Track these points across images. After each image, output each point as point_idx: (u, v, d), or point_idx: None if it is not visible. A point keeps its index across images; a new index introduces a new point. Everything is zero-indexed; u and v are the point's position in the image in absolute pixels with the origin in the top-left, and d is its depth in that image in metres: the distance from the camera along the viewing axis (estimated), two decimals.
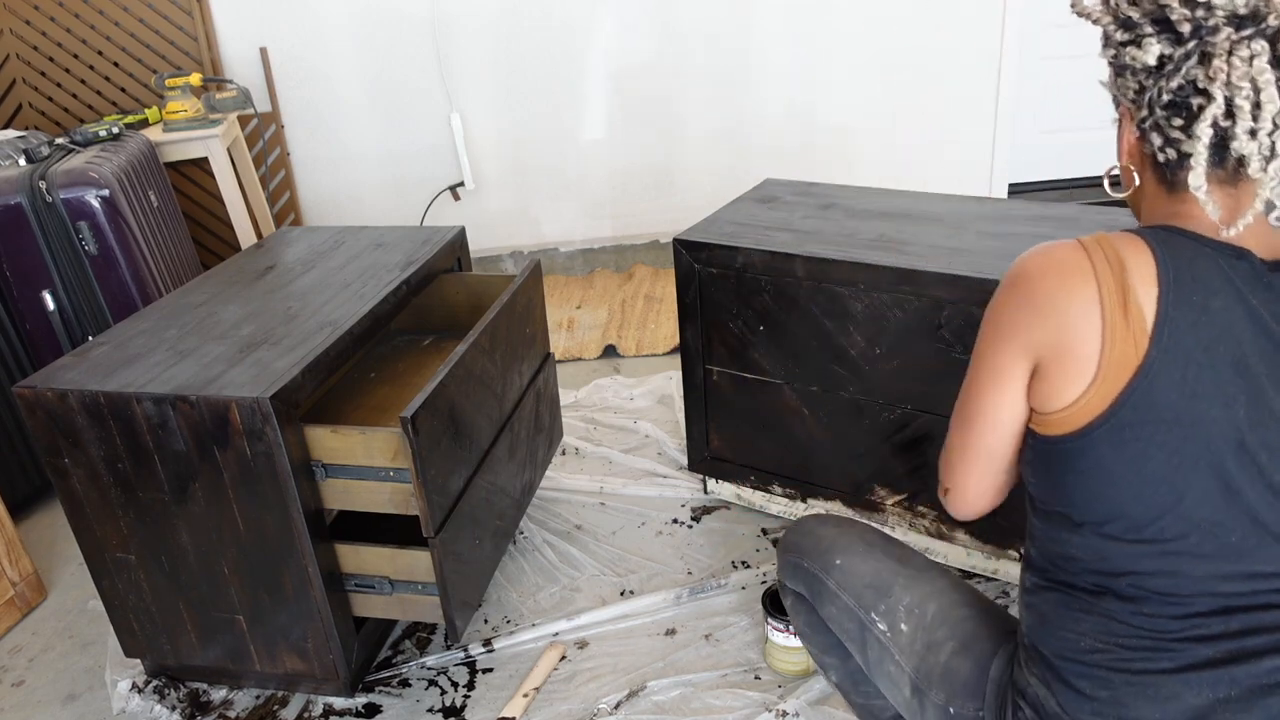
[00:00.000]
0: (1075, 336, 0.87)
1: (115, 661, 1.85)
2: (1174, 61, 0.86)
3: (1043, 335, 0.90)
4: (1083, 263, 0.88)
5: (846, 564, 1.27)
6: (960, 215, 1.93)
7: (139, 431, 1.49)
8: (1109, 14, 0.93)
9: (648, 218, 3.70)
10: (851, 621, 1.25)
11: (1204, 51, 0.84)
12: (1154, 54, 0.87)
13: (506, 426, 1.87)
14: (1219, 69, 0.83)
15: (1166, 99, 0.87)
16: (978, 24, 3.40)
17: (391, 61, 3.40)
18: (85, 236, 2.21)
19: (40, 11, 3.11)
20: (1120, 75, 0.93)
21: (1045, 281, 0.89)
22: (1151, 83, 0.88)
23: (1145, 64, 0.88)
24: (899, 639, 1.19)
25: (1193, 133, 0.86)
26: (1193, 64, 0.85)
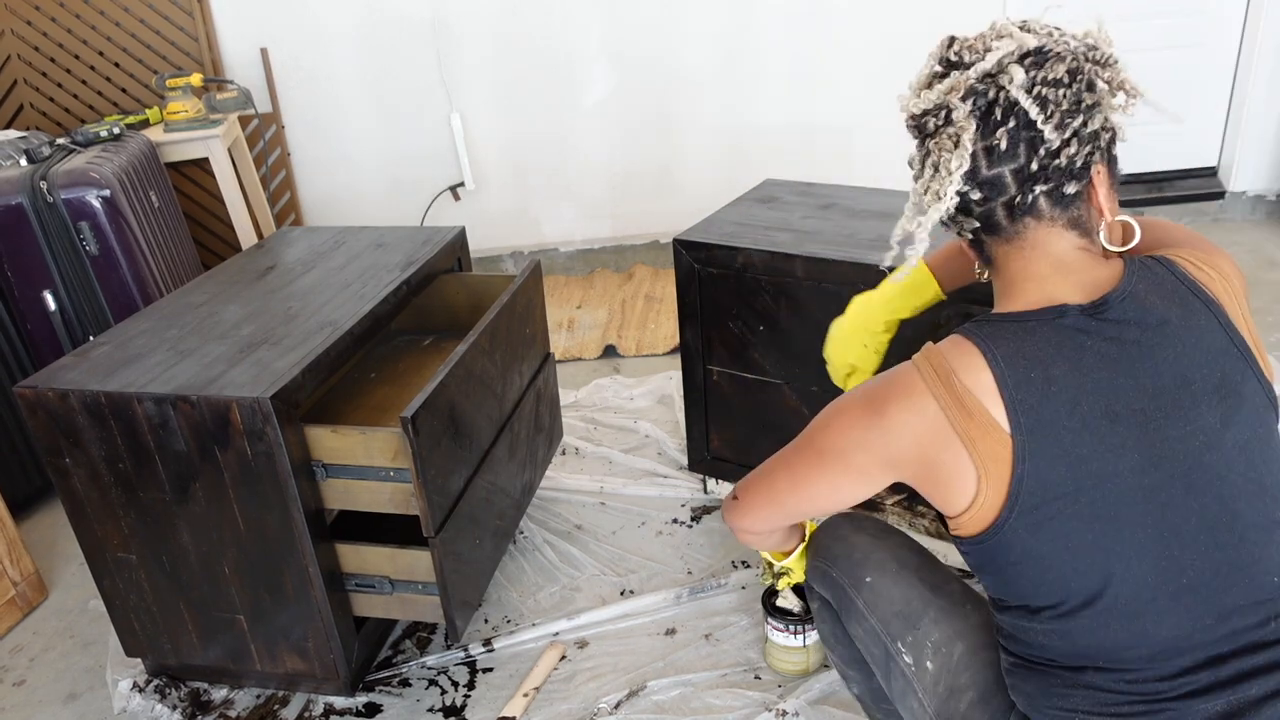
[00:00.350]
0: (933, 447, 0.92)
1: (116, 661, 1.85)
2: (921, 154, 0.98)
3: (898, 452, 0.95)
4: (917, 382, 0.93)
5: (877, 584, 1.21)
6: None
7: (140, 431, 1.50)
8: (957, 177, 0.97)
9: (648, 218, 3.70)
10: (877, 647, 1.21)
11: (933, 136, 0.96)
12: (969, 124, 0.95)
13: (506, 426, 1.87)
14: (939, 143, 0.95)
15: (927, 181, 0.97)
16: (978, 24, 3.40)
17: (392, 62, 3.41)
18: (86, 237, 2.22)
19: (41, 12, 3.11)
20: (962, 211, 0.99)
21: (890, 405, 0.95)
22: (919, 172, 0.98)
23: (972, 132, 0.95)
24: (923, 677, 1.14)
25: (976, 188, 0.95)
26: (927, 151, 0.97)
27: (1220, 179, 3.72)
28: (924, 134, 0.97)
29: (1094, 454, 0.89)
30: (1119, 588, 0.90)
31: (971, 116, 0.93)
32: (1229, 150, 3.66)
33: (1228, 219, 3.72)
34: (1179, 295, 0.94)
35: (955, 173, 0.92)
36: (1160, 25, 3.48)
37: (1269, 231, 3.58)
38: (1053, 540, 0.90)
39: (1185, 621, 0.91)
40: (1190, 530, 0.90)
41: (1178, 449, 0.90)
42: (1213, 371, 0.91)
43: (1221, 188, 3.69)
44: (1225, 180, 3.69)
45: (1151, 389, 0.90)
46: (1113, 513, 0.89)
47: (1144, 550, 0.90)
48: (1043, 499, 0.89)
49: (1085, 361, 0.90)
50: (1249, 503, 0.92)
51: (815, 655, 1.66)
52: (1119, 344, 0.91)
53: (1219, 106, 3.63)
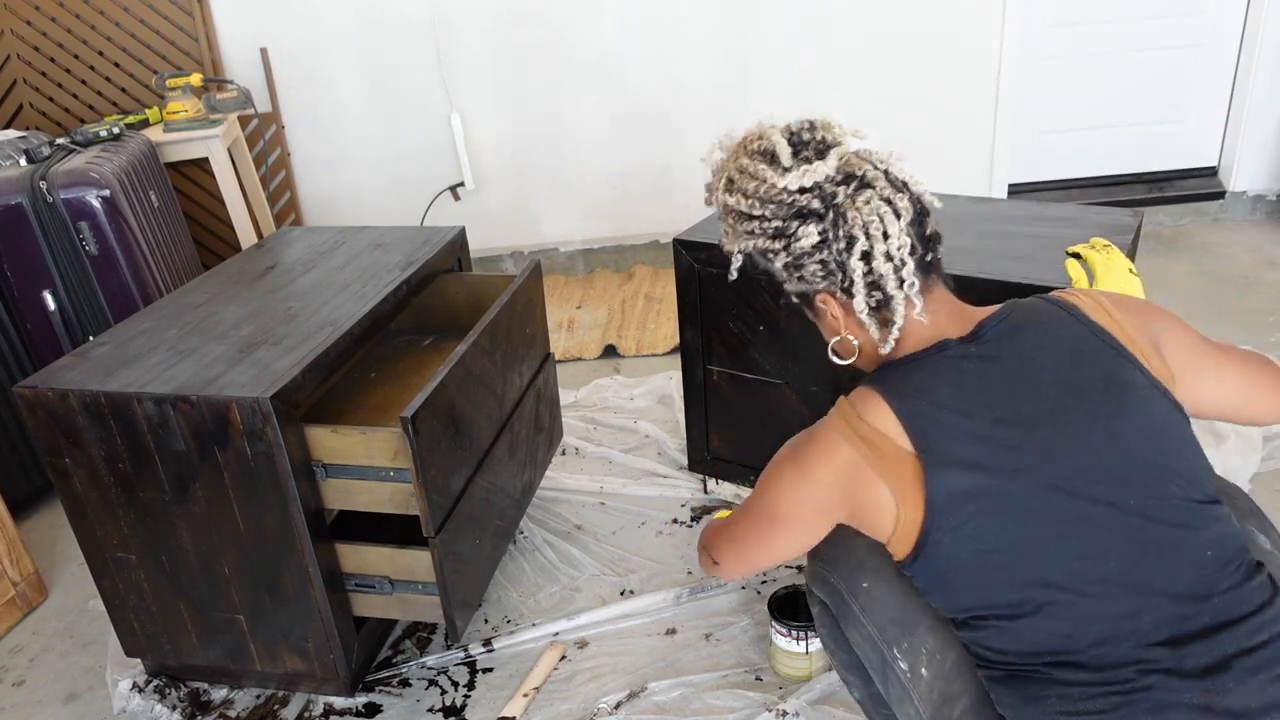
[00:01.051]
0: (854, 486, 1.03)
1: (116, 661, 1.85)
2: (828, 232, 1.05)
3: (827, 499, 1.06)
4: (832, 434, 1.05)
5: (874, 590, 1.21)
6: (960, 215, 1.93)
7: (139, 431, 1.50)
8: (760, 237, 1.10)
9: (648, 218, 3.70)
10: (874, 652, 1.21)
11: (839, 213, 1.04)
12: (813, 236, 1.05)
13: (506, 426, 1.87)
14: (855, 218, 1.03)
15: (843, 259, 1.05)
16: (978, 24, 3.40)
17: (392, 62, 3.41)
18: (86, 236, 2.22)
19: (41, 12, 3.11)
20: (800, 271, 1.09)
21: (811, 460, 1.07)
22: (825, 255, 1.06)
23: (811, 244, 1.05)
24: (919, 684, 1.15)
25: (874, 270, 1.04)
26: (840, 226, 1.05)
27: (1220, 179, 3.72)
28: (829, 203, 1.06)
29: (990, 459, 0.97)
30: (1044, 578, 0.96)
31: (890, 188, 1.06)
32: (1229, 150, 3.66)
33: (1228, 219, 3.72)
34: (1050, 314, 1.06)
35: (900, 233, 1.04)
36: (1160, 25, 3.48)
37: (1269, 231, 3.58)
38: (971, 544, 0.98)
39: (1123, 605, 0.95)
40: (1100, 517, 0.96)
41: (1069, 443, 0.97)
42: (1094, 370, 1.01)
43: (1222, 187, 3.69)
44: (1225, 180, 3.69)
45: (1035, 394, 1.00)
46: (1019, 508, 0.97)
47: (1059, 542, 0.96)
48: (953, 508, 0.98)
49: (967, 382, 1.01)
50: (1156, 485, 0.98)
51: (819, 661, 1.66)
52: (996, 361, 1.02)
53: (1219, 106, 3.63)
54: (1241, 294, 3.07)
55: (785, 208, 1.07)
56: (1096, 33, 3.50)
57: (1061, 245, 1.71)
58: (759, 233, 1.10)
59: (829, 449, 1.05)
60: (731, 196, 1.12)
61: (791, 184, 1.05)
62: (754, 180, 1.08)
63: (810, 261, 1.08)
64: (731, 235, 1.15)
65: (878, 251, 1.04)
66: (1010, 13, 3.37)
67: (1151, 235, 3.63)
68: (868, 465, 1.01)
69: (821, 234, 1.05)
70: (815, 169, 1.04)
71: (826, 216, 1.05)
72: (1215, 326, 2.83)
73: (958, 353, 1.04)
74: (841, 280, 1.07)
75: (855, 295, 1.07)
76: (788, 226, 1.07)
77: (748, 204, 1.09)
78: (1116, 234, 1.75)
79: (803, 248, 1.07)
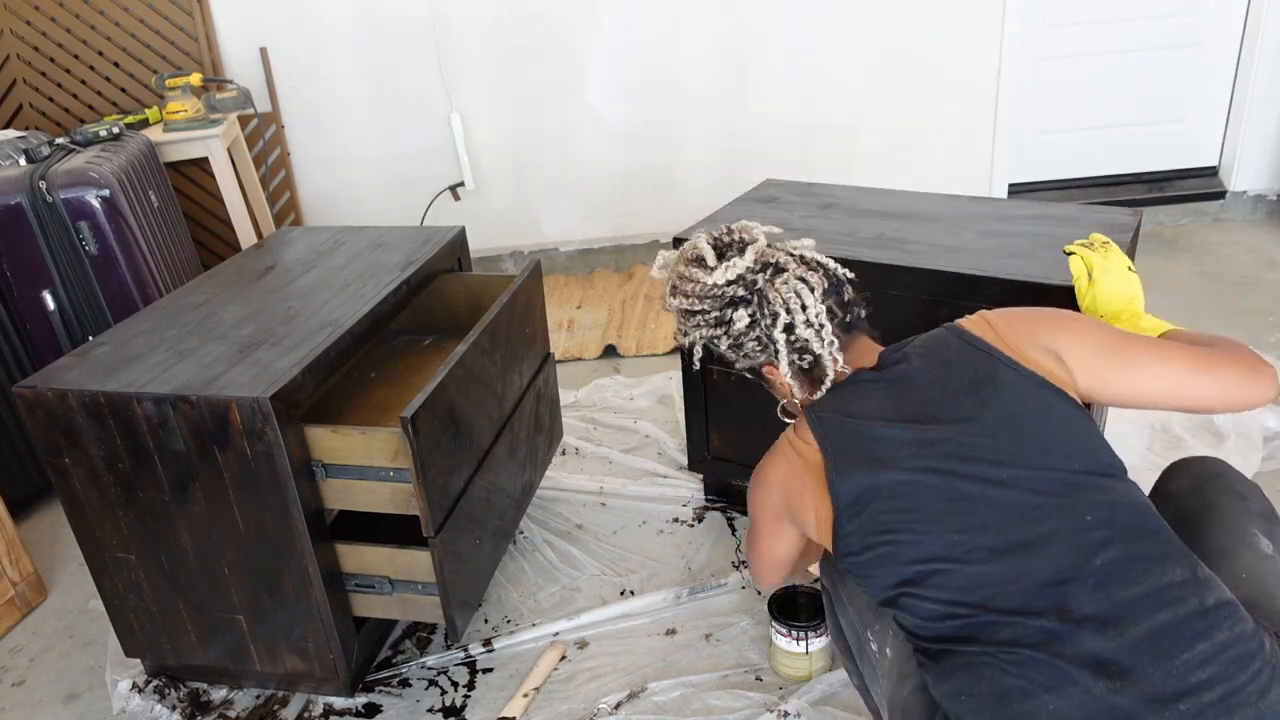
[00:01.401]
0: (791, 487, 1.23)
1: (115, 661, 1.85)
2: (755, 313, 1.24)
3: (780, 500, 1.26)
4: (782, 446, 1.27)
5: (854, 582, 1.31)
6: (960, 215, 1.93)
7: (139, 431, 1.49)
8: (704, 327, 1.28)
9: (648, 218, 3.70)
10: (854, 636, 1.32)
11: (762, 295, 1.24)
12: (744, 319, 1.24)
13: (506, 426, 1.87)
14: (775, 298, 1.23)
15: (773, 334, 1.23)
16: (978, 24, 3.40)
17: (392, 62, 3.40)
18: (85, 236, 2.22)
19: (41, 12, 3.11)
20: (743, 350, 1.28)
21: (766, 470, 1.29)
22: (758, 333, 1.25)
23: (744, 325, 1.25)
24: (884, 663, 1.25)
25: (798, 336, 1.23)
26: (764, 306, 1.24)
27: (1221, 179, 3.72)
28: (752, 289, 1.25)
29: (883, 453, 1.14)
30: (931, 553, 1.09)
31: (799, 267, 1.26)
32: (1229, 150, 3.66)
33: (1228, 219, 3.72)
34: (938, 337, 1.24)
35: (816, 302, 1.23)
36: (1160, 25, 3.48)
37: (1269, 231, 3.58)
38: (873, 527, 1.12)
39: (1004, 570, 1.05)
40: (975, 492, 1.09)
41: (944, 433, 1.13)
42: (964, 373, 1.16)
43: (1222, 187, 3.69)
44: (1226, 180, 3.69)
45: (919, 401, 1.17)
46: (907, 493, 1.11)
47: (941, 518, 1.09)
48: (854, 496, 1.13)
49: (870, 398, 1.20)
50: (1029, 463, 1.09)
51: (819, 661, 1.66)
52: (892, 382, 1.21)
53: (1219, 106, 3.63)
54: (1241, 294, 3.07)
55: (719, 300, 1.26)
56: (1096, 33, 3.50)
57: (1062, 244, 1.71)
58: (703, 324, 1.28)
59: (774, 460, 1.27)
60: (676, 299, 1.31)
61: (719, 279, 1.25)
62: (691, 282, 1.28)
63: (747, 340, 1.26)
64: (685, 330, 1.33)
65: (798, 321, 1.22)
66: (1010, 13, 3.37)
67: (1151, 235, 3.63)
68: (797, 473, 1.21)
69: (751, 315, 1.25)
70: (735, 264, 1.24)
71: (753, 301, 1.25)
72: (1215, 326, 2.83)
73: (866, 378, 1.23)
74: (775, 352, 1.25)
75: (780, 362, 1.25)
76: (724, 315, 1.26)
77: (689, 302, 1.28)
78: (1116, 234, 1.75)
79: (739, 329, 1.25)
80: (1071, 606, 1.02)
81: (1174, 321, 1.35)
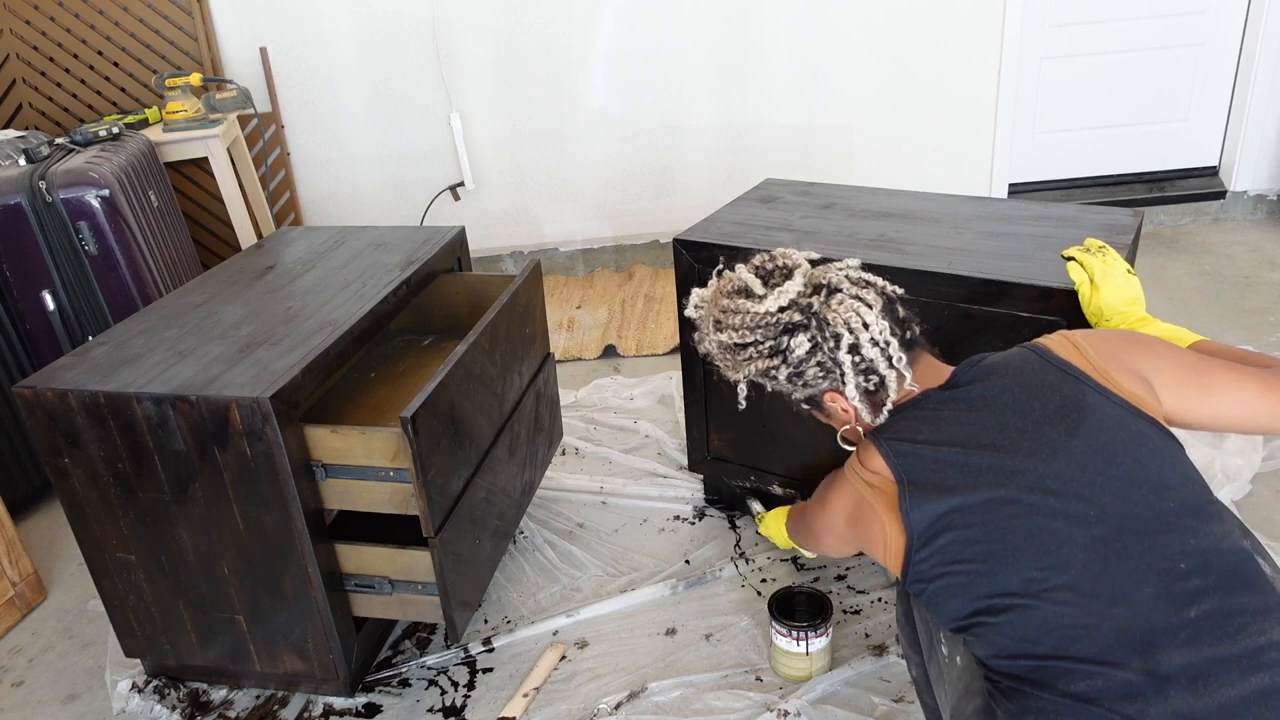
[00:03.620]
0: (855, 515, 1.19)
1: (115, 661, 1.85)
2: (816, 337, 1.19)
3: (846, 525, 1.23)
4: (846, 474, 1.23)
5: None
6: (960, 215, 1.93)
7: (139, 431, 1.49)
8: (758, 360, 1.23)
9: (647, 218, 3.70)
10: (926, 634, 1.27)
11: (820, 318, 1.19)
12: (804, 344, 1.19)
13: (506, 426, 1.87)
14: (835, 319, 1.18)
15: (838, 357, 1.18)
16: (978, 24, 3.40)
17: (392, 61, 3.40)
18: (85, 236, 2.21)
19: (40, 11, 3.11)
20: (803, 378, 1.22)
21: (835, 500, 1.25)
22: (820, 358, 1.20)
23: (805, 351, 1.19)
24: (952, 670, 1.19)
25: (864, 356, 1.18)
26: (825, 329, 1.19)
27: (1221, 178, 3.72)
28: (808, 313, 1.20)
29: (959, 482, 1.08)
30: (1007, 588, 1.03)
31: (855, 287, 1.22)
32: (1230, 150, 3.66)
33: (1228, 218, 3.72)
34: (1018, 356, 1.17)
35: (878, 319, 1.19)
36: (1160, 25, 3.48)
37: (1270, 231, 3.58)
38: (946, 556, 1.07)
39: (1084, 613, 0.99)
40: (1058, 528, 1.03)
41: (1026, 464, 1.06)
42: (1050, 398, 1.10)
43: (1222, 187, 3.69)
44: (1226, 180, 3.69)
45: (997, 426, 1.10)
46: (984, 521, 1.05)
47: (1019, 553, 1.03)
48: (928, 525, 1.08)
49: (942, 422, 1.14)
50: (1118, 497, 1.03)
51: (818, 661, 1.66)
52: (966, 402, 1.15)
53: (1220, 106, 3.63)
54: (1242, 294, 3.07)
55: (773, 328, 1.21)
56: (1096, 33, 3.50)
57: (1062, 245, 1.71)
58: (756, 356, 1.23)
59: (839, 491, 1.24)
60: (723, 333, 1.25)
61: (771, 306, 1.20)
62: (738, 314, 1.23)
63: (808, 367, 1.21)
64: (732, 367, 1.28)
65: (863, 340, 1.18)
66: (1010, 12, 3.37)
67: (1152, 235, 3.63)
68: (862, 495, 1.17)
69: (811, 340, 1.19)
70: (787, 289, 1.20)
71: (811, 325, 1.20)
72: (1215, 326, 2.83)
73: (936, 399, 1.17)
74: (840, 375, 1.20)
75: (847, 384, 1.20)
76: (780, 343, 1.20)
77: (739, 335, 1.23)
78: (1117, 235, 1.75)
79: (799, 356, 1.20)
80: (1159, 660, 0.94)
81: (1175, 322, 1.35)
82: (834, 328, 1.18)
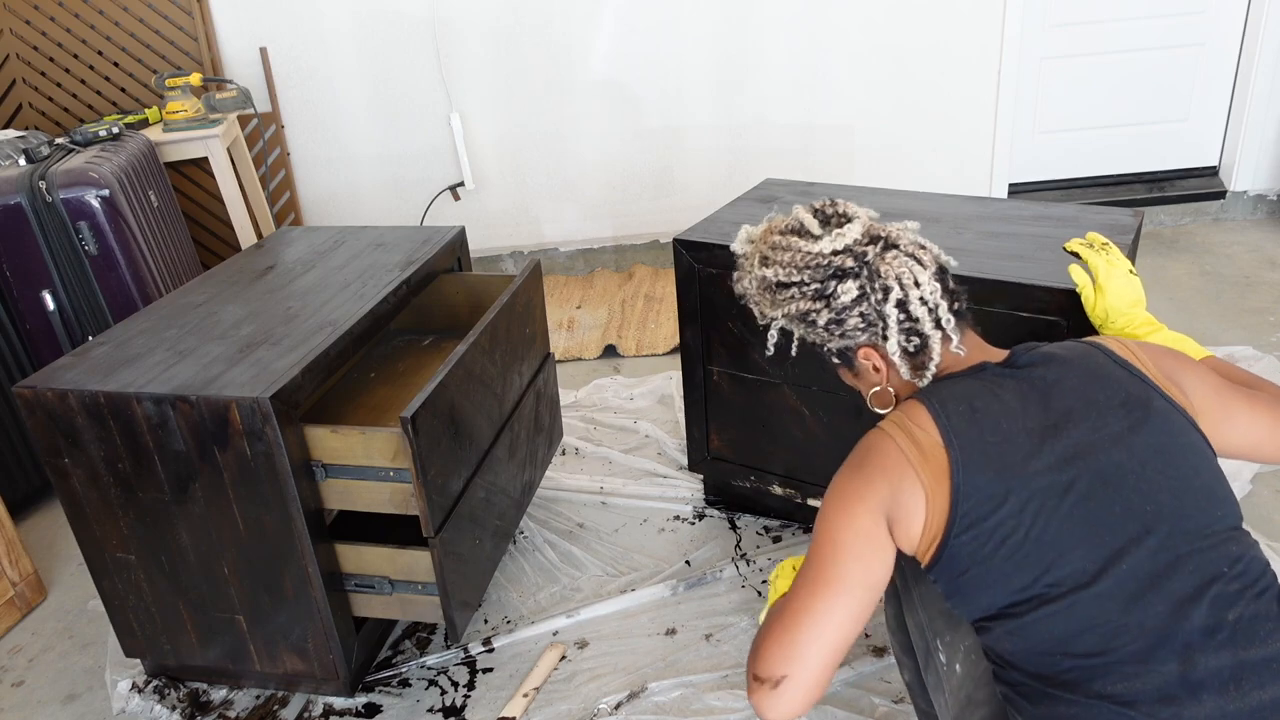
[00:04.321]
0: (895, 478, 1.08)
1: (115, 661, 1.85)
2: (865, 286, 1.16)
3: (882, 491, 1.08)
4: (884, 438, 1.11)
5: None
6: (960, 215, 1.93)
7: (139, 431, 1.49)
8: (800, 300, 1.19)
9: (647, 218, 3.70)
10: (921, 640, 1.24)
11: (872, 268, 1.16)
12: (852, 291, 1.16)
13: (506, 426, 1.87)
14: (887, 271, 1.15)
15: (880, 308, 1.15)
16: (978, 24, 3.40)
17: (392, 61, 3.40)
18: (85, 236, 2.21)
19: (40, 11, 3.11)
20: (843, 327, 1.18)
21: (869, 456, 1.12)
22: (864, 308, 1.16)
23: (851, 299, 1.16)
24: (952, 678, 1.17)
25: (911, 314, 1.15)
26: (875, 279, 1.16)
27: (1221, 178, 3.72)
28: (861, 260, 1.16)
29: (1015, 460, 1.03)
30: (1054, 575, 1.00)
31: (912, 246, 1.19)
32: (1230, 150, 3.66)
33: (1228, 218, 3.72)
34: (1079, 348, 1.15)
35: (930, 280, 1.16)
36: (1160, 25, 3.48)
37: (1270, 231, 3.58)
38: (992, 539, 1.02)
39: (1127, 613, 0.97)
40: (1116, 520, 1.00)
41: (1086, 448, 1.03)
42: (1116, 391, 1.07)
43: (1222, 187, 3.69)
44: (1226, 180, 3.69)
45: (1060, 409, 1.06)
46: (1039, 506, 1.01)
47: (1074, 538, 1.00)
48: (977, 501, 1.03)
49: (1003, 395, 1.09)
50: (1175, 497, 1.01)
51: None
52: (1029, 381, 1.10)
53: (1220, 106, 3.63)
54: (1242, 294, 3.07)
55: (822, 270, 1.17)
56: (1096, 33, 3.50)
57: (1062, 245, 1.71)
58: (799, 296, 1.19)
59: (880, 444, 1.11)
60: (768, 269, 1.21)
61: (825, 248, 1.17)
62: (789, 251, 1.19)
63: (851, 315, 1.17)
64: (770, 305, 1.24)
65: (912, 298, 1.14)
66: (1010, 12, 3.37)
67: (1152, 235, 3.63)
68: (905, 458, 1.07)
69: (860, 288, 1.16)
70: (845, 232, 1.17)
71: (861, 273, 1.16)
72: (1216, 326, 2.83)
73: (994, 372, 1.13)
74: (882, 329, 1.17)
75: (889, 339, 1.16)
76: (827, 286, 1.17)
77: (785, 273, 1.19)
78: (1117, 234, 1.75)
79: (844, 303, 1.16)
80: (1197, 663, 0.95)
81: (1174, 322, 1.36)
82: (884, 280, 1.15)
